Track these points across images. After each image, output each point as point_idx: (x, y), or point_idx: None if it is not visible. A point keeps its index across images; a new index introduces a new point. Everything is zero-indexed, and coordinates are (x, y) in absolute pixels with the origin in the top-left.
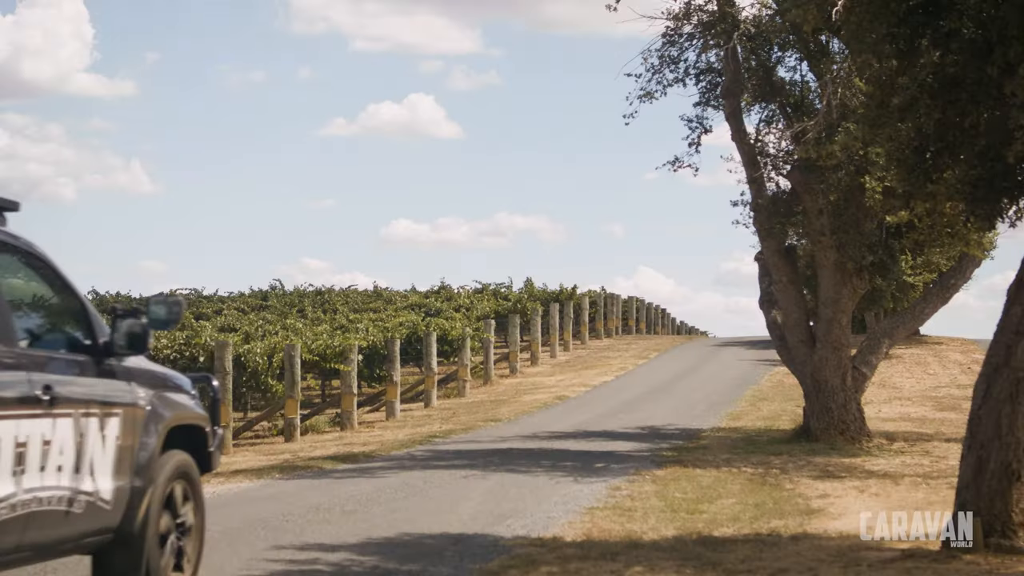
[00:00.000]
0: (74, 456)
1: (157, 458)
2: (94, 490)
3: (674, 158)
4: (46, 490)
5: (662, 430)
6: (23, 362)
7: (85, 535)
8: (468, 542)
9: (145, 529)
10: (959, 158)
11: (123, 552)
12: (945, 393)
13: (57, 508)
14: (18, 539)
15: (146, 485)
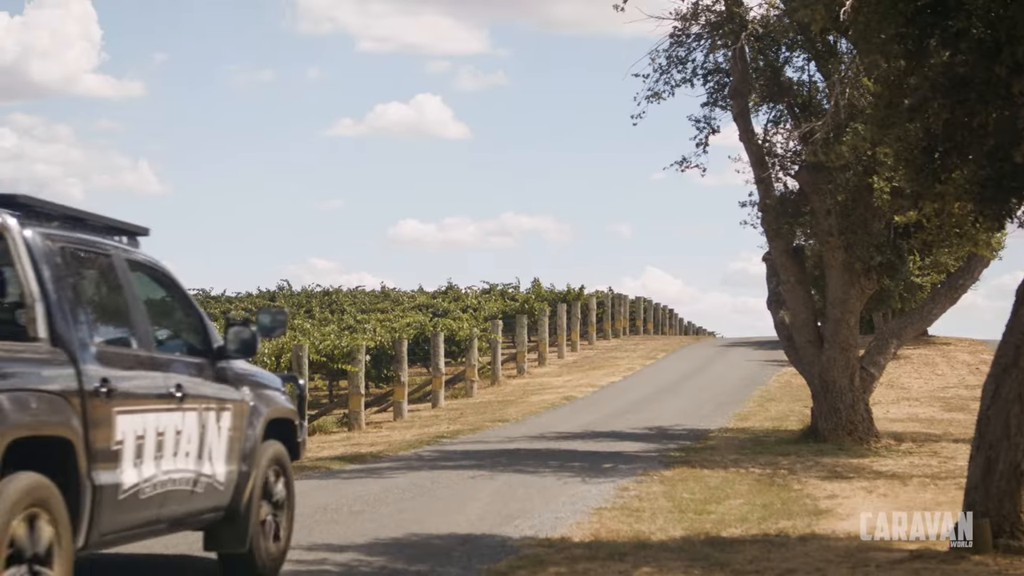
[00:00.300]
0: (198, 444)
1: (259, 447)
2: (212, 473)
3: (682, 158)
4: (178, 472)
5: (670, 431)
6: (161, 365)
7: (204, 511)
8: (476, 542)
9: (249, 507)
10: (968, 158)
11: (231, 527)
12: (953, 394)
13: (185, 488)
14: (157, 513)
15: (250, 470)
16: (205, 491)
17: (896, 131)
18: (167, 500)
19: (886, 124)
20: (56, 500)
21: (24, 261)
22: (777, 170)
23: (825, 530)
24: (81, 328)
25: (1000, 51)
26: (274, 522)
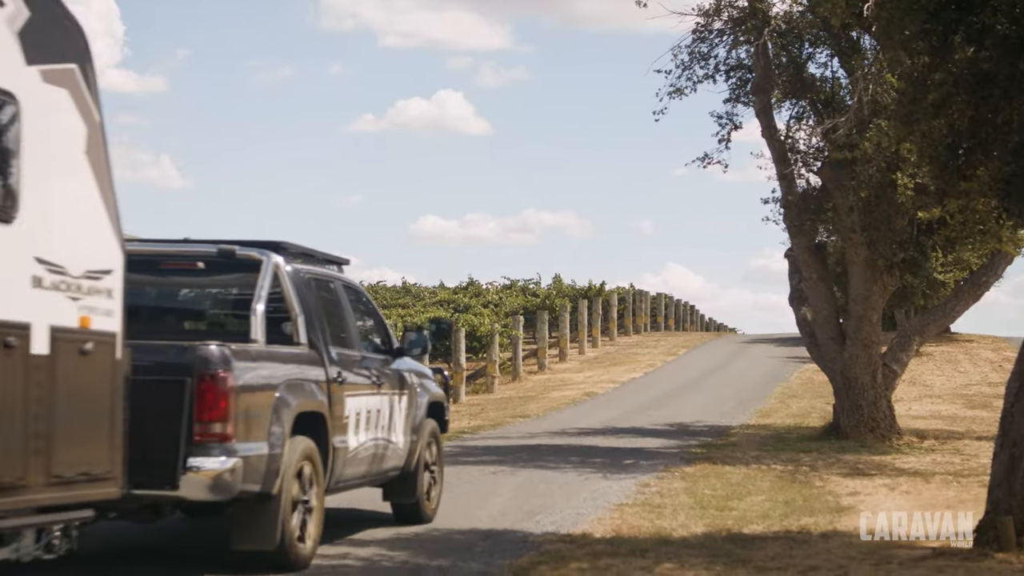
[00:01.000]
0: (388, 419)
1: (423, 422)
2: (395, 441)
3: (704, 154)
4: (378, 440)
5: (691, 427)
6: (366, 361)
7: (389, 471)
8: (498, 538)
9: (417, 467)
10: (992, 155)
11: (404, 483)
12: (976, 391)
13: (381, 452)
14: (366, 469)
15: (418, 439)
16: (392, 454)
17: (920, 127)
18: (372, 460)
19: (910, 120)
20: (316, 455)
21: (288, 288)
22: (799, 166)
23: (847, 527)
24: (324, 335)
25: None
26: (431, 478)
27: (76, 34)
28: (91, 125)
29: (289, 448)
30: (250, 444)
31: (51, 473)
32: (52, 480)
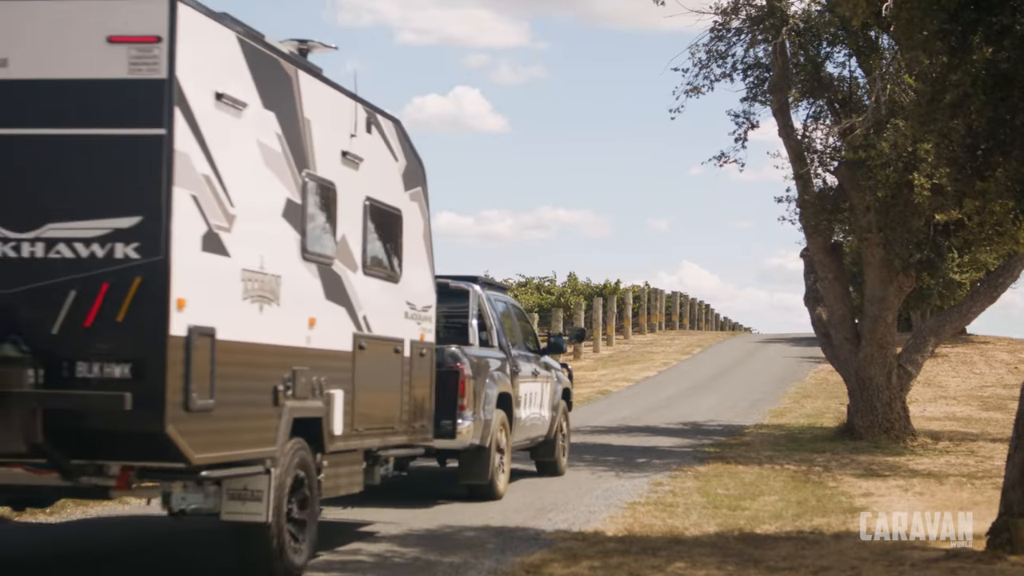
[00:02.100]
0: (539, 400)
1: (559, 403)
2: (544, 415)
3: (720, 153)
4: (535, 414)
5: (704, 426)
6: (528, 358)
7: (539, 437)
8: (509, 535)
9: (556, 435)
10: (1010, 156)
11: (547, 446)
12: (991, 392)
13: (537, 422)
14: (528, 434)
15: (557, 415)
16: (541, 425)
17: (938, 128)
18: (531, 428)
19: (928, 121)
20: (506, 422)
21: (486, 309)
22: (816, 166)
23: (860, 528)
24: (507, 340)
25: None
26: (564, 443)
27: (421, 168)
28: (426, 220)
29: (495, 417)
30: (475, 414)
31: (407, 423)
32: (407, 428)
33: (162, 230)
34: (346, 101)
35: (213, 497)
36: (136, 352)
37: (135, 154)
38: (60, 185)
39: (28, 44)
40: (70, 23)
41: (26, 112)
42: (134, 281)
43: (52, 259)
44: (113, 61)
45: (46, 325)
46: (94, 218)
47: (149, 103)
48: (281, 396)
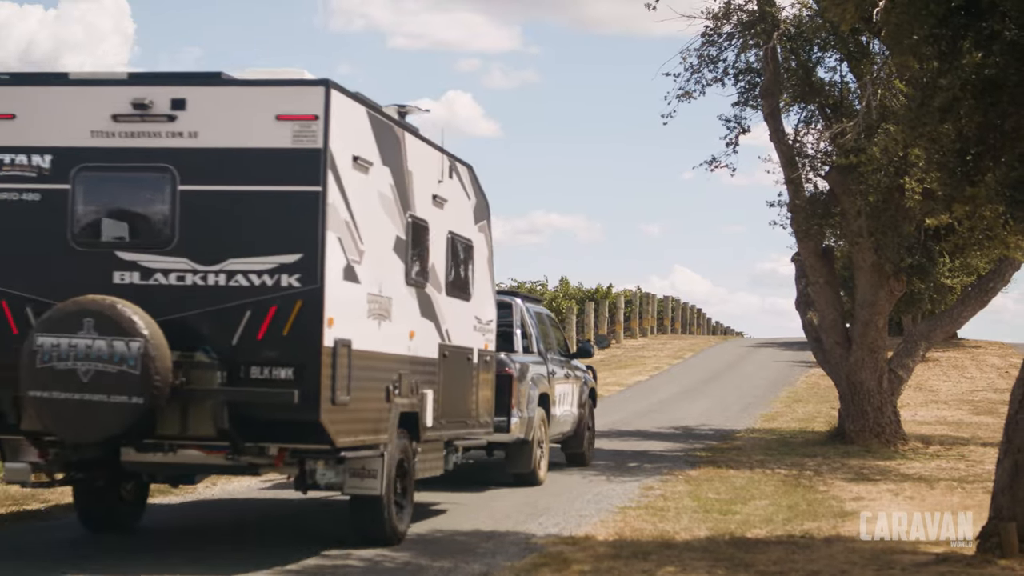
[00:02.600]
0: (571, 399)
1: (586, 401)
2: (574, 412)
3: (711, 158)
4: (567, 411)
5: (696, 430)
6: (560, 363)
7: (569, 432)
8: (500, 539)
9: (583, 429)
10: (1000, 160)
11: (575, 439)
12: (982, 397)
13: (568, 418)
14: (561, 429)
15: (583, 411)
16: (571, 420)
17: (928, 132)
18: (563, 424)
19: (918, 125)
20: (545, 419)
21: (527, 319)
22: (807, 170)
23: (851, 532)
24: (543, 346)
25: None
26: (590, 437)
27: (487, 204)
28: (489, 248)
29: (536, 415)
30: (520, 412)
31: (475, 419)
32: (475, 423)
33: (318, 265)
34: (435, 153)
35: (342, 474)
36: (298, 359)
37: (297, 205)
38: (238, 229)
39: (214, 120)
40: (247, 105)
41: (212, 172)
42: (296, 304)
43: (232, 287)
44: (280, 134)
45: (227, 338)
46: (265, 255)
47: (308, 166)
48: (392, 394)
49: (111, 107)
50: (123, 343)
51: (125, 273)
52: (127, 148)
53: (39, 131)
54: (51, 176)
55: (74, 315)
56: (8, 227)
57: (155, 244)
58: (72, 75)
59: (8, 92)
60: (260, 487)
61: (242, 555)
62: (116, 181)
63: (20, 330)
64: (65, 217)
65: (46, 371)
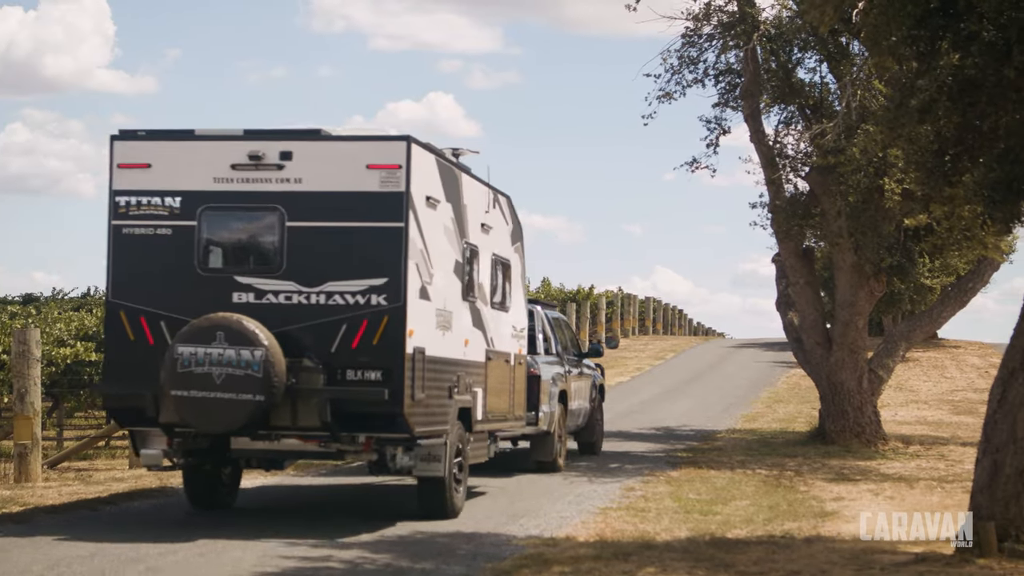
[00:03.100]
0: (583, 394)
1: (594, 395)
2: (585, 407)
3: (692, 159)
4: (581, 406)
5: (677, 431)
6: (574, 362)
7: (580, 424)
8: (481, 540)
9: (594, 421)
10: (978, 161)
11: (586, 430)
12: (962, 397)
13: (581, 412)
14: (574, 421)
15: (593, 405)
16: (583, 414)
17: (906, 133)
18: (576, 417)
19: (896, 126)
20: (563, 414)
21: (546, 325)
22: (787, 171)
23: (831, 532)
24: (559, 348)
25: (1010, 54)
26: (599, 428)
27: (520, 228)
28: (523, 266)
29: (557, 410)
30: (544, 407)
31: (512, 414)
32: (512, 417)
33: (400, 286)
34: (483, 188)
35: (414, 459)
36: (385, 363)
37: (384, 238)
38: (335, 257)
39: (315, 169)
40: (342, 156)
41: (313, 211)
42: (383, 319)
43: (330, 305)
44: (370, 180)
45: (327, 346)
46: (357, 278)
47: (393, 206)
48: (452, 392)
49: (230, 158)
50: (248, 352)
51: (242, 294)
52: (244, 191)
53: (171, 177)
54: (180, 214)
55: (208, 329)
56: (145, 256)
57: (267, 270)
58: (197, 132)
59: (144, 146)
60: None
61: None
62: (235, 218)
63: (155, 341)
64: (192, 248)
65: (186, 374)
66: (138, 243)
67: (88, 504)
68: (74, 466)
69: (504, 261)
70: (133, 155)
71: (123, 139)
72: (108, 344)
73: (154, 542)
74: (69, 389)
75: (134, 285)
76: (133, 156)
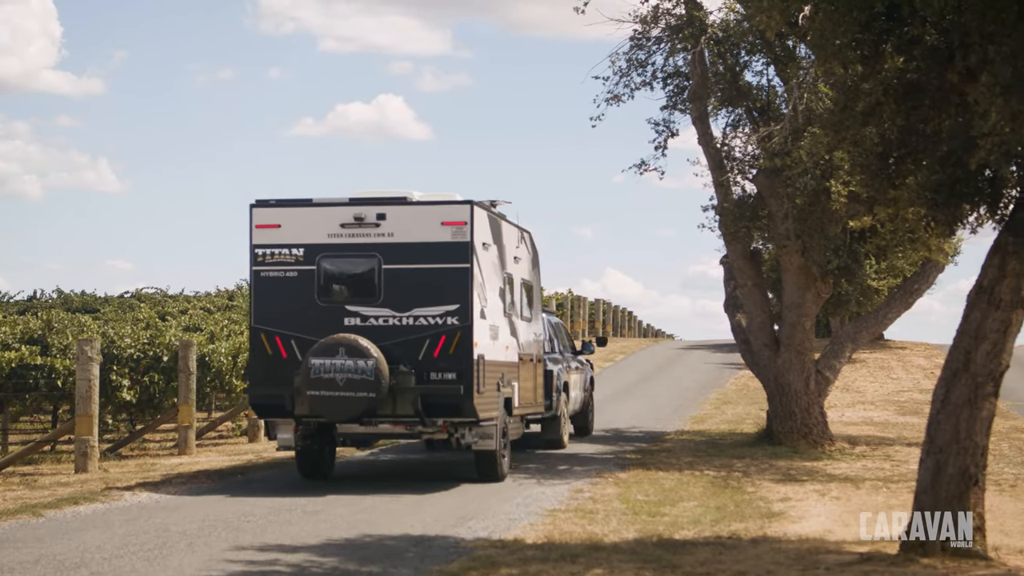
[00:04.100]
0: (579, 384)
1: (587, 385)
2: (581, 395)
3: (640, 161)
4: (578, 395)
5: (626, 432)
6: (571, 358)
7: (577, 409)
8: (429, 543)
9: (587, 407)
10: (921, 164)
11: (581, 415)
12: (908, 397)
13: (578, 399)
14: (573, 407)
15: (586, 393)
16: (579, 400)
17: (851, 136)
18: (575, 403)
19: (841, 129)
20: (566, 401)
21: (550, 328)
22: (735, 174)
23: (777, 532)
24: (559, 346)
25: (953, 58)
26: (591, 413)
27: (537, 254)
28: (539, 285)
29: (561, 398)
30: (555, 396)
31: (535, 402)
32: (535, 404)
33: (468, 311)
34: (514, 229)
35: (475, 437)
36: (459, 367)
37: (455, 276)
38: (420, 290)
39: (403, 225)
40: (423, 216)
41: (403, 256)
42: (457, 335)
43: (417, 325)
44: (444, 233)
45: (416, 355)
46: (436, 305)
47: (462, 253)
48: (500, 386)
49: (339, 219)
50: (363, 361)
51: (351, 319)
52: (350, 244)
53: (295, 234)
54: (304, 261)
55: (333, 345)
56: (277, 293)
57: (369, 300)
58: (314, 200)
59: (275, 211)
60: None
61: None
62: (344, 263)
63: (287, 355)
64: (313, 285)
65: (317, 379)
66: (272, 283)
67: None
68: (19, 471)
69: (528, 283)
70: (266, 218)
71: (259, 206)
72: (252, 357)
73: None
74: (14, 393)
75: (270, 314)
76: (266, 219)
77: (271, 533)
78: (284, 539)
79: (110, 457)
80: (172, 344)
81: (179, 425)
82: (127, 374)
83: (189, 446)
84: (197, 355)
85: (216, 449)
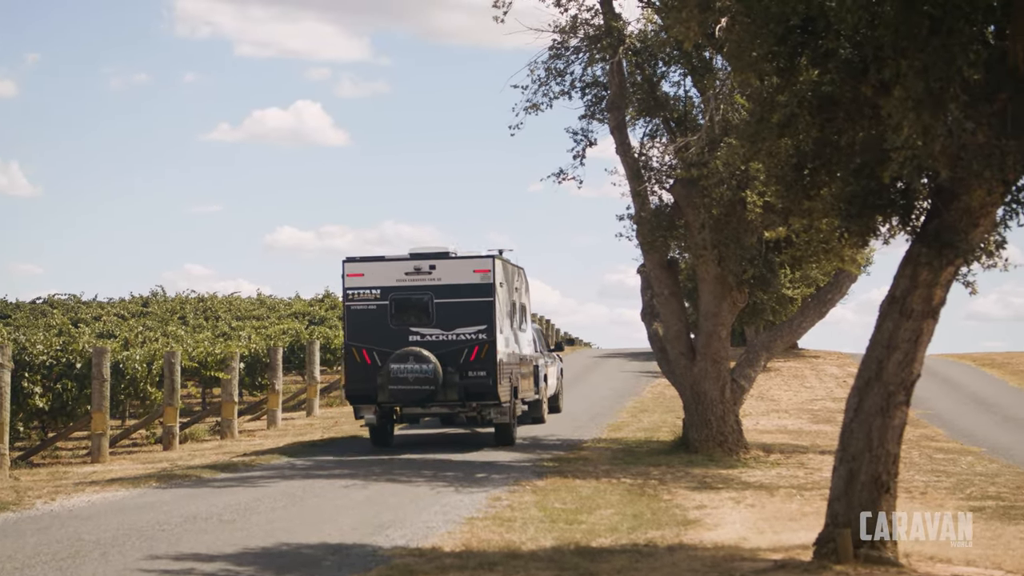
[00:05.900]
0: (554, 374)
1: (560, 378)
2: (555, 383)
3: (559, 170)
4: (554, 383)
5: (543, 440)
6: (548, 354)
7: (552, 394)
8: (347, 552)
9: (560, 393)
10: (835, 175)
11: (554, 399)
12: (821, 406)
13: (554, 386)
14: (551, 392)
15: (559, 381)
16: (554, 387)
17: (766, 147)
18: (551, 389)
19: (757, 140)
20: (546, 390)
21: (532, 332)
22: (652, 183)
23: (693, 540)
24: (540, 347)
25: (867, 71)
26: (560, 397)
27: (527, 282)
28: (529, 305)
29: (543, 386)
30: (540, 385)
31: (530, 390)
32: (529, 391)
33: (493, 329)
34: (516, 267)
35: (497, 415)
36: (488, 368)
37: (483, 306)
38: (460, 315)
39: (448, 272)
40: (461, 265)
41: (448, 293)
42: (485, 345)
43: (458, 339)
44: (476, 277)
45: (458, 360)
46: (471, 326)
47: (487, 290)
48: (511, 379)
49: (404, 269)
50: (426, 365)
51: (414, 336)
52: (412, 286)
53: (374, 279)
54: (380, 298)
55: (405, 354)
56: (363, 320)
57: (426, 323)
58: (387, 257)
59: (360, 264)
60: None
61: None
62: (408, 299)
63: (371, 362)
64: (387, 315)
65: (396, 377)
66: (359, 314)
67: None
68: None
69: (523, 304)
70: (354, 269)
71: (349, 261)
72: (347, 364)
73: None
74: None
75: (358, 334)
76: (354, 269)
77: (186, 542)
78: (200, 548)
79: (21, 465)
80: (85, 351)
81: (92, 433)
82: (39, 381)
83: (102, 454)
84: (111, 362)
85: (130, 457)
